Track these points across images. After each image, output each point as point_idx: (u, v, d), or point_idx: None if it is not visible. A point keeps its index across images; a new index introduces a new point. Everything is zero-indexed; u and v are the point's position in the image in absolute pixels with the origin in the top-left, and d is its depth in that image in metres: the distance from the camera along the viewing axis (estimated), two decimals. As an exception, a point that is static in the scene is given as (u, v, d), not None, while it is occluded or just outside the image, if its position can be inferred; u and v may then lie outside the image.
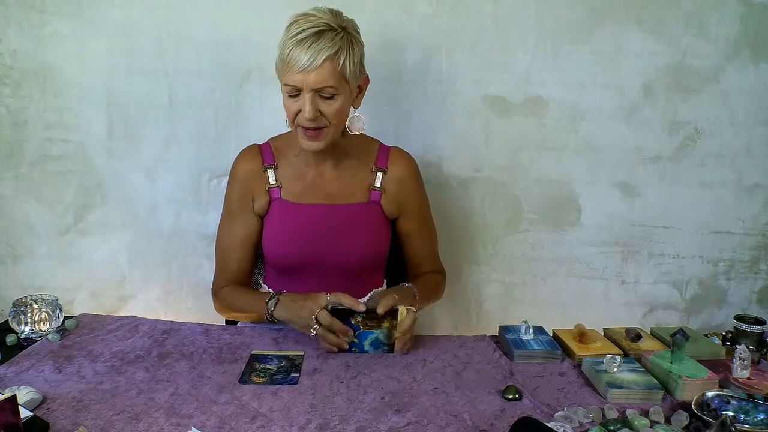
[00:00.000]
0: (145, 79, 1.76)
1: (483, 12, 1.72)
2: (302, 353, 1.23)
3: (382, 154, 1.49)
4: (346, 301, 1.27)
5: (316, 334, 1.27)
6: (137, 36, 1.74)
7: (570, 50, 1.74)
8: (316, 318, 1.26)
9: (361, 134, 1.48)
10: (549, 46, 1.74)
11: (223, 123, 1.79)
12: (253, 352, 1.27)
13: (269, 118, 1.70)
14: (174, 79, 1.76)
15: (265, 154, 1.48)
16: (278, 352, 1.24)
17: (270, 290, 1.48)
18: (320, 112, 1.31)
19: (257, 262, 1.68)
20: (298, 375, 1.18)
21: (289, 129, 1.41)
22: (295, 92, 1.30)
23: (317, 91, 1.29)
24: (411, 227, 1.54)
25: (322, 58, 1.25)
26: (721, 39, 1.74)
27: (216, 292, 1.50)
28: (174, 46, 1.74)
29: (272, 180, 1.46)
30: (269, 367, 1.20)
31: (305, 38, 1.25)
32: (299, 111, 1.31)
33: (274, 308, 1.33)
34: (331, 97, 1.30)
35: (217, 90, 1.77)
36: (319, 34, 1.26)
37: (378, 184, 1.47)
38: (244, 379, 1.17)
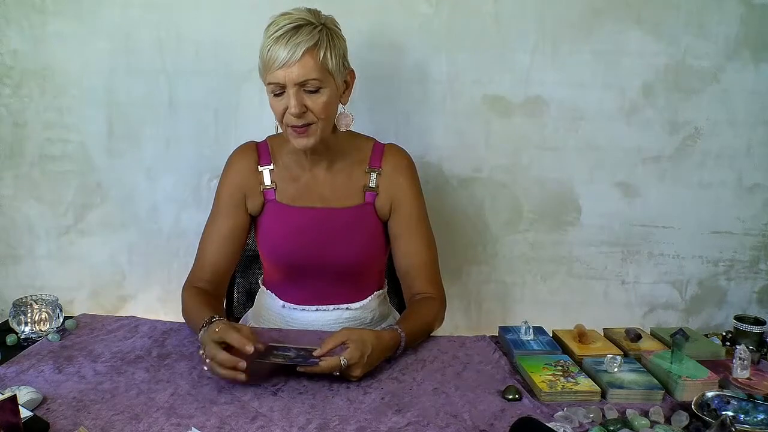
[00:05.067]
0: (145, 79, 1.77)
1: (483, 12, 1.72)
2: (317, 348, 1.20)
3: (376, 153, 1.45)
4: (233, 340, 1.12)
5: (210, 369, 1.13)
6: (137, 36, 1.74)
7: (570, 50, 1.75)
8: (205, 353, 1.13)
9: (356, 133, 1.47)
10: (549, 46, 1.74)
11: (223, 123, 1.79)
12: (270, 344, 1.21)
13: (269, 118, 1.68)
14: (174, 79, 1.77)
15: (261, 152, 1.45)
16: (295, 345, 1.22)
17: (211, 318, 1.23)
18: (306, 107, 1.28)
19: (254, 261, 1.67)
20: (317, 361, 1.14)
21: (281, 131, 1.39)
22: (279, 90, 1.28)
23: (301, 86, 1.27)
24: (399, 228, 1.45)
25: (302, 51, 1.24)
26: (721, 39, 1.74)
27: (183, 290, 1.41)
28: (174, 46, 1.74)
29: (267, 181, 1.43)
30: (288, 354, 1.18)
31: (283, 34, 1.25)
32: (286, 109, 1.29)
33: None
34: (316, 91, 1.28)
35: (217, 90, 1.77)
36: (296, 29, 1.25)
37: (372, 184, 1.43)
38: (261, 356, 1.14)
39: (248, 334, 1.15)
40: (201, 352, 1.15)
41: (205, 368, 1.14)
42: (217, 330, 1.13)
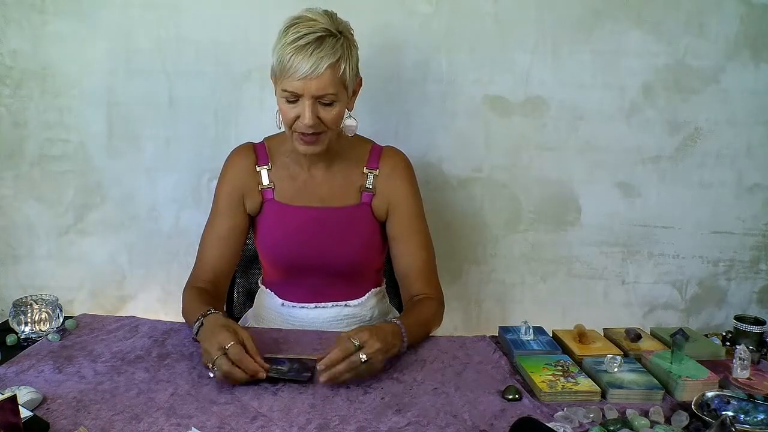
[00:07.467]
0: (145, 79, 1.77)
1: (483, 12, 1.72)
2: (315, 357, 1.20)
3: (374, 155, 1.46)
4: (248, 367, 1.12)
5: (213, 376, 1.12)
6: (137, 36, 1.74)
7: (570, 50, 1.75)
8: (222, 352, 1.11)
9: (355, 135, 1.46)
10: (549, 46, 1.74)
11: (223, 123, 1.79)
12: (266, 355, 1.20)
13: (269, 118, 1.69)
14: (174, 79, 1.77)
15: (259, 153, 1.46)
16: (291, 356, 1.22)
17: (208, 311, 1.25)
18: (320, 118, 1.28)
19: (254, 261, 1.68)
20: (310, 375, 1.16)
21: (282, 130, 1.39)
22: (293, 98, 1.28)
23: (317, 98, 1.27)
24: (397, 230, 1.45)
25: (325, 66, 1.23)
26: (721, 39, 1.75)
27: (184, 291, 1.41)
28: (174, 46, 1.74)
29: (266, 181, 1.44)
30: (281, 367, 1.17)
31: (306, 44, 1.23)
32: (297, 117, 1.28)
33: (198, 331, 1.22)
34: (330, 104, 1.28)
35: (217, 90, 1.77)
36: (320, 41, 1.24)
37: (369, 185, 1.44)
38: None
39: (246, 339, 1.15)
40: (207, 361, 1.14)
41: (210, 375, 1.13)
42: (227, 348, 1.11)
